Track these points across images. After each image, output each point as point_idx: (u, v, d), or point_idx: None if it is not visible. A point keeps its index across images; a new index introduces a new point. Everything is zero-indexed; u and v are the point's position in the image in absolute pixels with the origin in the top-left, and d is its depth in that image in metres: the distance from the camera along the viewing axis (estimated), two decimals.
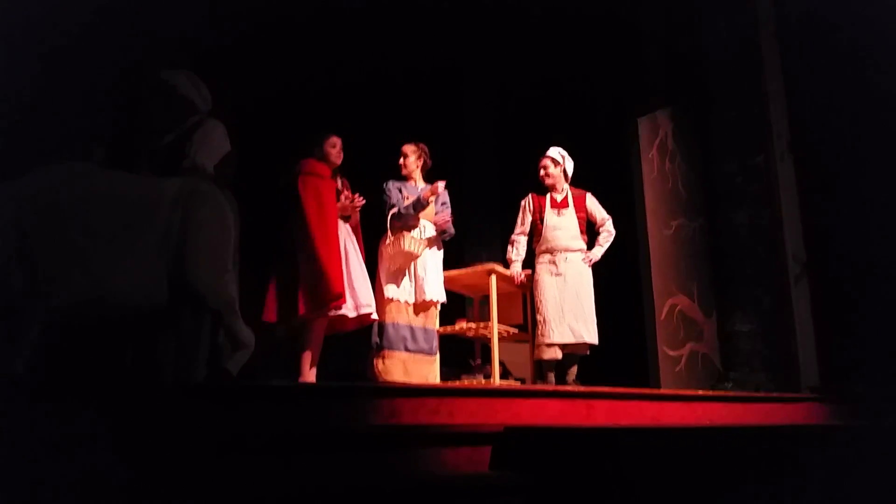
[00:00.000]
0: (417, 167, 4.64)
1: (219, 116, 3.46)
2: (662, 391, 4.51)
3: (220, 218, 3.03)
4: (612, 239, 4.79)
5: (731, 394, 4.15)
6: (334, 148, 4.19)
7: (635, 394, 3.22)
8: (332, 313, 3.88)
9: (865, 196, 4.49)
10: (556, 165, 4.77)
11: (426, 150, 4.69)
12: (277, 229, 4.05)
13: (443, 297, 4.52)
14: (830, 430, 3.31)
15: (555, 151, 4.81)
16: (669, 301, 5.25)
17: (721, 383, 4.68)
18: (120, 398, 1.98)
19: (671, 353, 5.15)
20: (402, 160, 4.66)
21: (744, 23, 5.00)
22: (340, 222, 4.11)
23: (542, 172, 4.79)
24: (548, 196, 4.78)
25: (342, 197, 4.17)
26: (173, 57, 3.87)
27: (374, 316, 4.09)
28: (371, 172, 4.65)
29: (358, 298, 3.99)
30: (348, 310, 3.93)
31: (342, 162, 4.25)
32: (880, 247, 4.37)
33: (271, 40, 5.20)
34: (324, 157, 4.17)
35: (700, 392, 4.05)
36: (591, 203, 4.86)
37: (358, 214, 4.28)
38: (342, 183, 4.26)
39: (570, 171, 4.83)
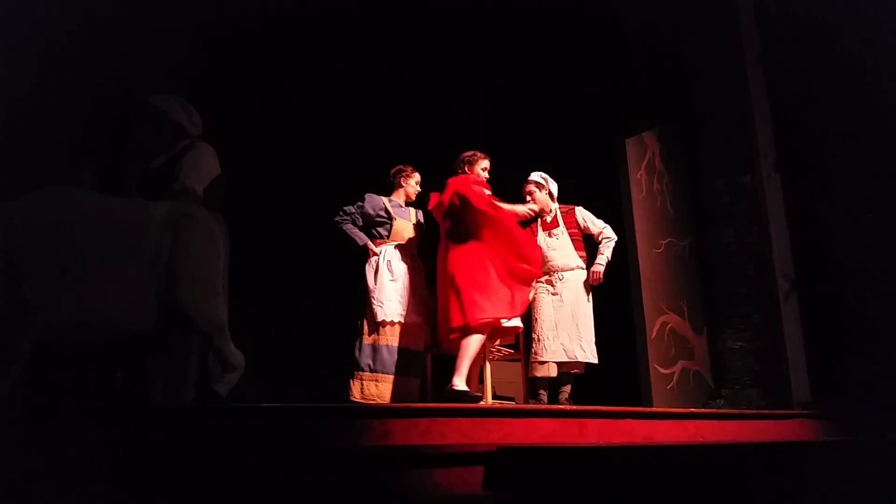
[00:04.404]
0: (417, 191, 4.75)
1: (209, 139, 3.48)
2: (654, 409, 4.50)
3: (211, 241, 3.03)
4: (613, 243, 4.79)
5: (722, 411, 4.16)
6: (485, 172, 4.36)
7: (627, 412, 3.22)
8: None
9: (853, 212, 4.53)
10: (540, 189, 4.77)
11: None
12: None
13: None
14: (822, 446, 3.31)
15: (536, 175, 4.81)
16: (660, 319, 5.26)
17: (713, 400, 4.68)
18: (109, 420, 1.97)
19: (662, 370, 5.15)
20: (410, 181, 4.72)
21: (730, 44, 5.07)
22: None
23: (528, 199, 4.81)
24: (538, 219, 4.81)
25: None
26: (162, 80, 3.89)
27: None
28: (359, 187, 4.71)
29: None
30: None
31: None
32: (868, 262, 4.40)
33: (258, 48, 5.21)
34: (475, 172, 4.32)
35: (692, 409, 4.06)
36: (581, 216, 4.84)
37: None
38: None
39: (555, 192, 4.83)
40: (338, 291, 5.26)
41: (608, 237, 4.79)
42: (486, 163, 4.35)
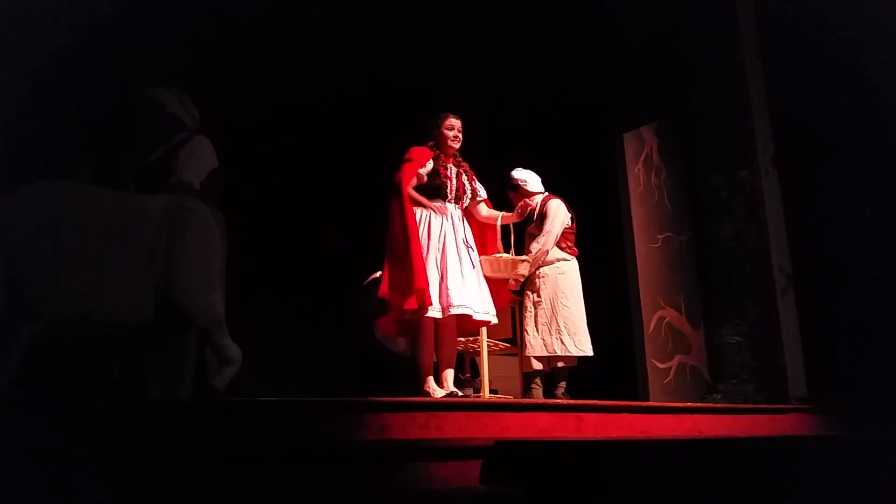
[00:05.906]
0: None
1: (207, 132, 3.47)
2: (651, 403, 4.50)
3: (207, 235, 3.03)
4: (532, 259, 4.38)
5: (719, 406, 4.16)
6: (451, 130, 3.77)
7: (624, 406, 3.22)
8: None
9: (851, 208, 4.54)
10: (518, 189, 4.60)
11: None
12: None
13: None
14: (818, 441, 3.33)
15: (516, 173, 4.68)
16: (657, 314, 5.26)
17: (710, 395, 4.68)
18: (106, 415, 1.97)
19: (660, 365, 5.16)
20: None
21: (728, 39, 5.06)
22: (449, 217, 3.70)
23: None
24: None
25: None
26: (160, 74, 3.87)
27: (481, 318, 3.59)
28: (356, 183, 4.69)
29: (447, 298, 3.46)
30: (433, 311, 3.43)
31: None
32: (865, 257, 4.41)
33: (256, 43, 5.19)
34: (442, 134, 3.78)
35: (689, 404, 4.06)
36: (548, 209, 4.54)
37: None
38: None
39: (535, 187, 4.68)
40: (336, 285, 5.26)
41: (530, 250, 4.47)
42: (450, 121, 3.78)
